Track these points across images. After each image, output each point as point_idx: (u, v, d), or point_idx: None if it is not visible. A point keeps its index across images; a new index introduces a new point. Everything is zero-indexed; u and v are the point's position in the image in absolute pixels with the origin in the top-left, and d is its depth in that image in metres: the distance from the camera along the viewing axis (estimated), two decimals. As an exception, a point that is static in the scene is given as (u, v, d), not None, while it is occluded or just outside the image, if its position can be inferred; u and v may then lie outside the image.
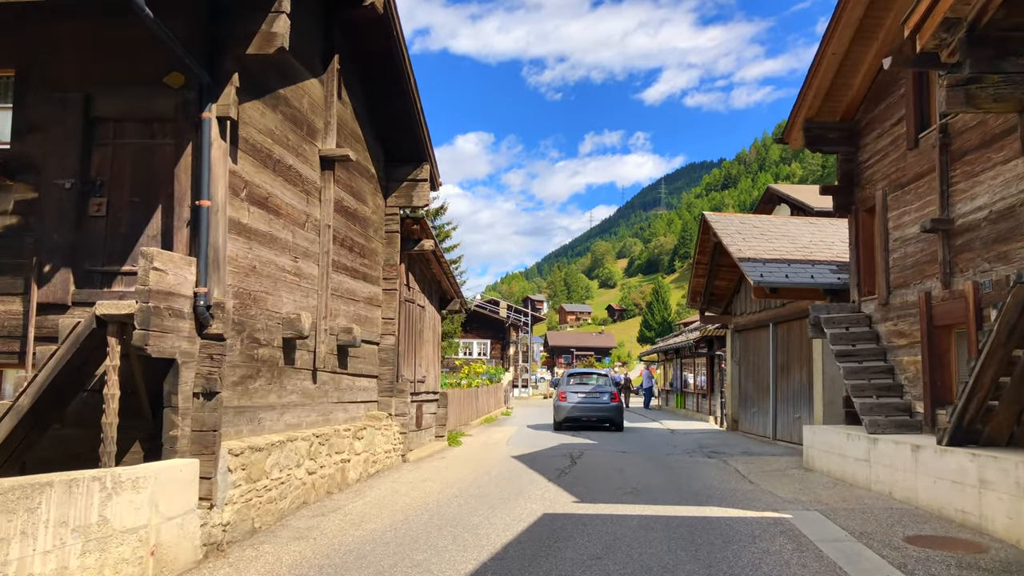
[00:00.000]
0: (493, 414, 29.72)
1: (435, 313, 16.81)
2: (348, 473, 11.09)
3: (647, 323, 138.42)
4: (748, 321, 20.89)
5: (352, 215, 11.92)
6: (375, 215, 13.02)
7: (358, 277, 12.17)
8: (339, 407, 11.40)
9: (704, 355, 28.64)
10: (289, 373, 9.60)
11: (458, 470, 13.13)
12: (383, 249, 13.40)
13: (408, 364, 14.73)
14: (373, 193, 12.93)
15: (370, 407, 12.85)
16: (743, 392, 21.88)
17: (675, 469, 13.69)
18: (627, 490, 11.23)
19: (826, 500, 10.37)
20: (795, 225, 18.83)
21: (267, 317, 8.92)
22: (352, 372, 11.95)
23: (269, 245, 8.98)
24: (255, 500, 8.14)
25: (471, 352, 60.58)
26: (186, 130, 7.55)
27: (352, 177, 11.91)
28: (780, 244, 17.19)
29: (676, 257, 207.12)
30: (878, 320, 12.96)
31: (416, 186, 13.51)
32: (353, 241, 11.95)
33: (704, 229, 19.75)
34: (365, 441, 11.83)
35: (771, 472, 13.25)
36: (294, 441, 9.22)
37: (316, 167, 10.44)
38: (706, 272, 21.50)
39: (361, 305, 12.33)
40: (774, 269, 15.69)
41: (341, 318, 11.41)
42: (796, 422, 17.51)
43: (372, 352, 12.91)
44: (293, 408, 9.73)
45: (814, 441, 13.32)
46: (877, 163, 13.09)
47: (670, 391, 37.21)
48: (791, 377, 17.98)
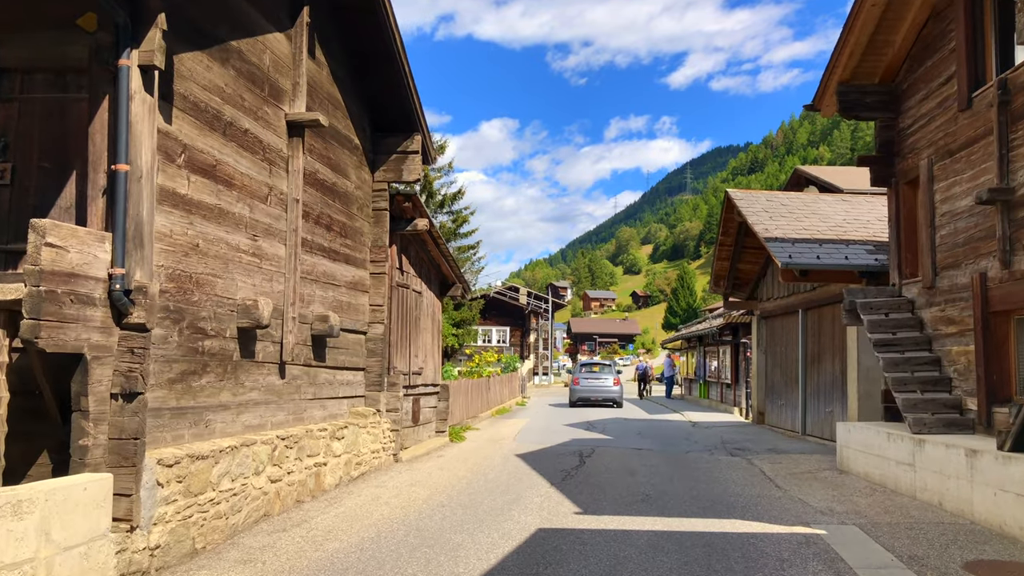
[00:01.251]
0: (507, 405, 28.53)
1: (434, 299, 15.59)
2: (324, 478, 9.91)
3: (672, 310, 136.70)
4: (775, 307, 19.47)
5: (330, 190, 10.70)
6: (360, 191, 11.79)
7: (338, 259, 10.96)
8: (315, 404, 10.23)
9: (728, 343, 27.23)
10: (248, 368, 8.42)
11: (453, 471, 11.93)
12: (370, 229, 12.17)
13: (401, 355, 13.54)
14: (357, 166, 11.69)
15: (355, 403, 11.67)
16: (770, 383, 20.48)
17: (694, 470, 12.40)
18: (638, 497, 9.96)
19: (865, 511, 9.05)
20: (826, 203, 17.36)
21: (216, 304, 7.73)
22: (332, 365, 10.76)
23: (218, 220, 7.77)
24: (196, 517, 6.97)
25: (490, 340, 59.47)
26: (102, 81, 6.34)
27: (330, 147, 10.69)
28: (810, 223, 15.76)
29: (702, 242, 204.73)
30: (922, 305, 11.55)
31: (407, 159, 12.26)
32: (332, 219, 10.74)
33: (728, 208, 18.32)
34: (346, 441, 10.65)
35: (801, 475, 11.92)
36: (251, 445, 8.04)
37: (282, 133, 9.23)
38: (730, 254, 20.07)
39: (343, 290, 11.13)
40: (804, 249, 14.28)
41: (316, 305, 10.21)
42: (828, 417, 16.12)
43: (357, 342, 11.71)
44: (254, 407, 8.56)
45: (849, 440, 11.96)
46: (922, 129, 11.64)
47: (693, 380, 35.82)
48: (822, 368, 16.58)
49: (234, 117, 8.08)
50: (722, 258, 20.38)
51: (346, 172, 11.26)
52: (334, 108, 10.83)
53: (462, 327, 47.48)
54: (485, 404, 23.71)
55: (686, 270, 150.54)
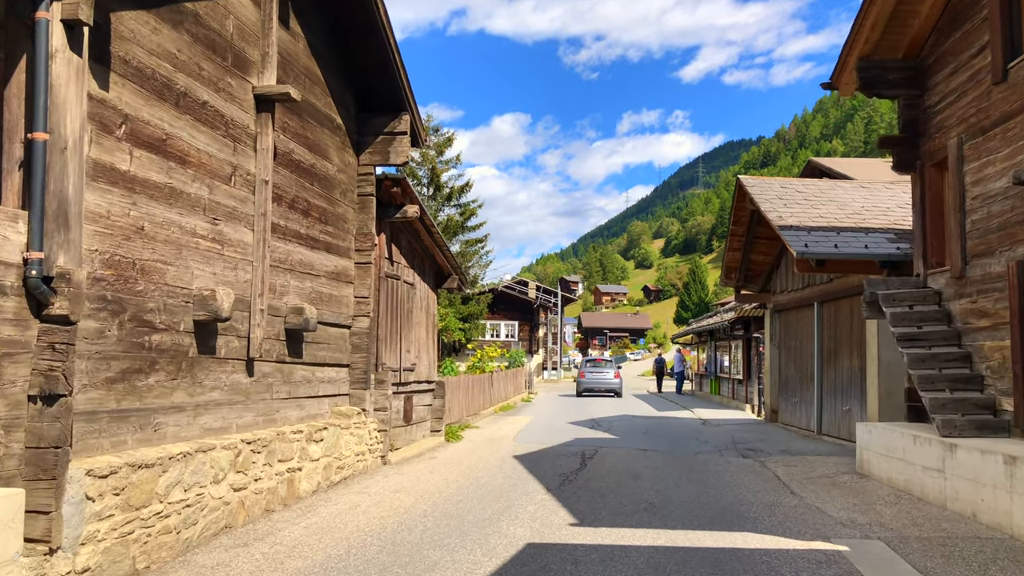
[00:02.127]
0: (511, 401, 27.71)
1: (429, 292, 14.79)
2: (299, 485, 9.12)
3: (683, 304, 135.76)
4: (789, 299, 18.57)
5: (308, 172, 9.90)
6: (343, 174, 10.99)
7: (317, 247, 10.17)
8: (290, 404, 9.44)
9: (740, 337, 26.31)
10: (208, 365, 7.63)
11: (443, 475, 11.12)
12: (354, 215, 11.37)
13: (391, 350, 12.74)
14: (339, 148, 10.89)
15: (339, 402, 10.88)
16: (783, 379, 19.58)
17: (702, 474, 11.55)
18: (641, 505, 9.13)
19: (890, 523, 8.19)
20: (844, 190, 16.44)
21: (166, 294, 6.94)
22: (310, 361, 9.97)
23: (169, 201, 6.98)
24: (139, 533, 6.19)
25: (498, 334, 58.65)
26: (20, 38, 5.53)
27: (307, 126, 9.88)
28: (827, 210, 14.85)
29: (714, 236, 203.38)
30: (950, 297, 10.66)
31: (394, 140, 11.44)
32: (309, 203, 9.94)
33: (740, 196, 17.43)
34: (326, 444, 9.86)
35: (818, 479, 11.06)
36: (209, 451, 7.26)
37: (249, 108, 8.42)
38: (742, 245, 19.17)
39: (323, 281, 10.33)
40: (821, 238, 13.38)
41: (291, 296, 9.42)
42: (845, 416, 15.24)
43: (341, 337, 10.92)
44: (215, 408, 7.77)
45: (870, 442, 11.08)
46: (950, 106, 10.73)
47: (704, 375, 34.91)
48: (839, 364, 15.68)
49: (189, 87, 7.28)
50: (734, 249, 19.49)
51: (326, 153, 10.45)
52: (312, 84, 10.02)
53: (470, 321, 46.69)
54: (487, 401, 22.91)
55: (698, 264, 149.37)
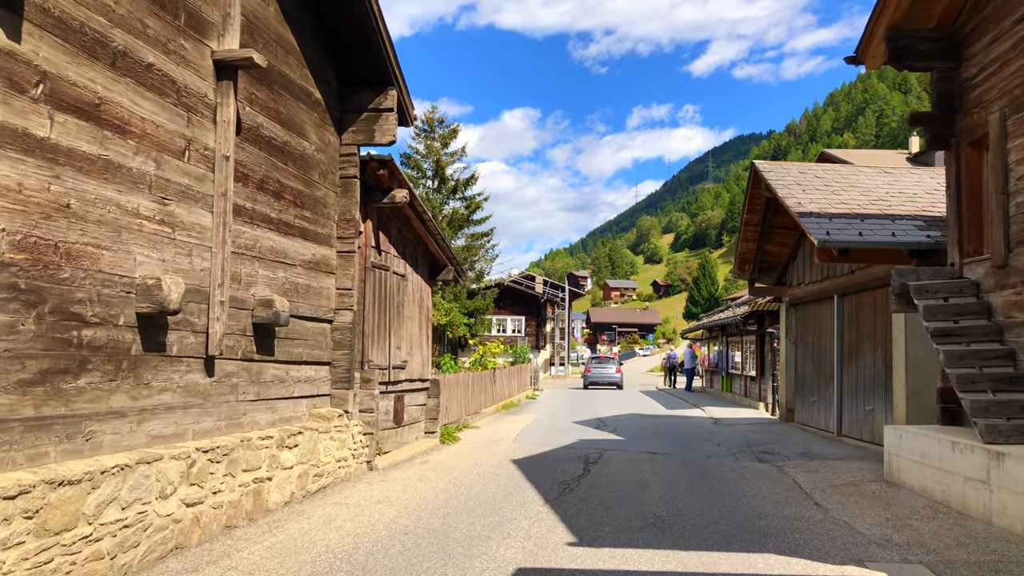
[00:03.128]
0: (515, 398, 26.77)
1: (422, 284, 13.85)
2: (268, 496, 8.21)
3: (693, 299, 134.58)
4: (807, 292, 17.56)
5: (280, 150, 8.97)
6: (322, 154, 10.06)
7: (291, 233, 9.24)
8: (260, 407, 8.53)
9: (753, 332, 25.29)
10: (156, 364, 6.72)
11: (433, 483, 10.20)
12: (336, 200, 10.44)
13: (379, 346, 11.81)
14: (318, 125, 9.96)
15: (317, 403, 9.96)
16: (800, 377, 18.58)
17: (716, 481, 10.59)
18: (648, 520, 8.19)
19: (931, 542, 7.23)
20: (866, 175, 15.43)
21: (100, 283, 6.02)
22: (284, 359, 9.06)
23: (104, 176, 6.06)
24: (59, 562, 5.28)
25: (504, 329, 57.81)
26: (-99, -26, 4.63)
27: (280, 99, 8.95)
28: (849, 196, 13.86)
29: (724, 231, 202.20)
30: (990, 288, 9.67)
31: (379, 118, 10.50)
32: (282, 185, 9.01)
33: (754, 182, 16.42)
34: (301, 450, 8.95)
35: (842, 487, 10.09)
36: (155, 462, 6.35)
37: (207, 75, 7.49)
38: (756, 235, 18.16)
39: (298, 271, 9.41)
40: (843, 226, 12.39)
41: (261, 287, 8.50)
42: (868, 416, 14.24)
43: (320, 332, 10.01)
44: (165, 413, 6.86)
45: (901, 447, 10.10)
46: (991, 77, 9.73)
47: (715, 372, 33.89)
48: (862, 360, 14.68)
49: (130, 47, 6.35)
50: (747, 239, 18.48)
51: (303, 131, 9.52)
52: (285, 53, 9.08)
53: (475, 316, 45.76)
54: (489, 398, 21.98)
55: (708, 259, 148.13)
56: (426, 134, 46.06)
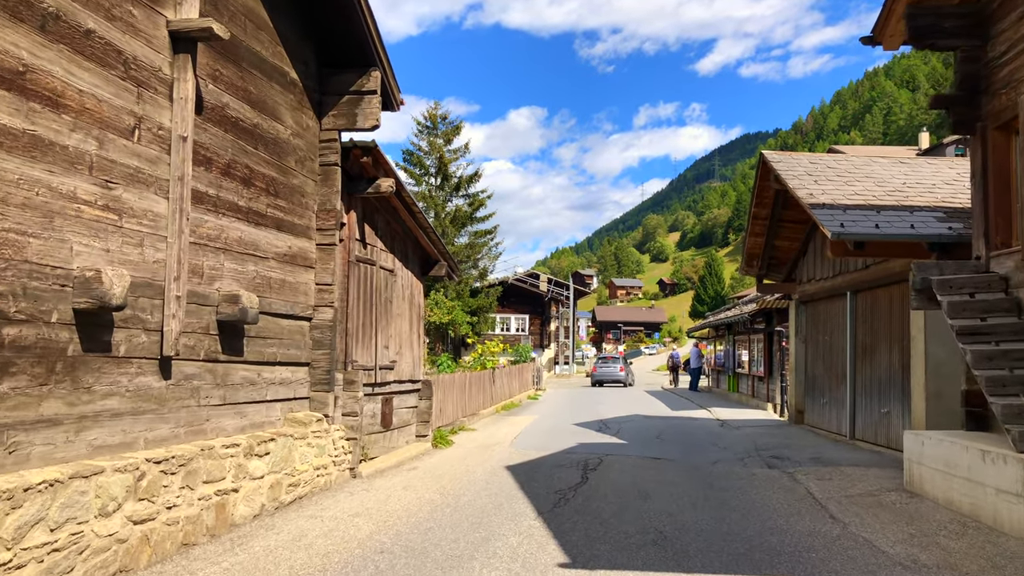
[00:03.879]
0: (516, 399, 26.05)
1: (413, 280, 13.15)
2: (233, 509, 7.52)
3: (699, 297, 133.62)
4: (818, 289, 16.81)
5: (250, 133, 8.28)
6: (299, 140, 9.36)
7: (264, 224, 8.55)
8: (226, 411, 7.84)
9: (761, 331, 24.54)
10: (98, 366, 6.03)
11: (419, 492, 9.50)
12: (315, 188, 9.74)
13: (364, 345, 11.11)
14: (294, 108, 9.26)
15: (294, 407, 9.27)
16: (810, 377, 17.83)
17: (723, 491, 9.87)
18: (649, 535, 7.48)
19: (963, 563, 6.51)
20: (881, 165, 14.68)
21: (25, 274, 5.33)
22: (255, 360, 8.37)
23: (32, 154, 5.37)
24: (-30, 593, 4.61)
25: (508, 328, 57.10)
26: None
27: (249, 78, 8.25)
28: (864, 187, 13.11)
29: (730, 229, 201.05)
30: (1021, 283, 8.94)
31: (362, 101, 9.80)
32: (252, 171, 8.31)
33: (763, 174, 15.68)
34: (273, 458, 8.25)
35: (860, 498, 9.36)
36: (94, 476, 5.67)
37: (162, 47, 6.80)
38: (764, 230, 17.42)
39: (272, 264, 8.71)
40: (858, 218, 11.65)
41: (227, 281, 7.81)
42: (884, 419, 13.50)
43: (298, 331, 9.32)
44: (111, 420, 6.17)
45: (923, 455, 9.37)
46: (1020, 55, 8.98)
47: (721, 372, 33.13)
48: (876, 360, 13.93)
49: (63, 9, 5.66)
50: (755, 234, 17.74)
51: (277, 113, 8.83)
52: (256, 28, 8.39)
53: (478, 315, 45.06)
54: (488, 399, 21.27)
55: (714, 257, 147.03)
56: (429, 131, 45.41)
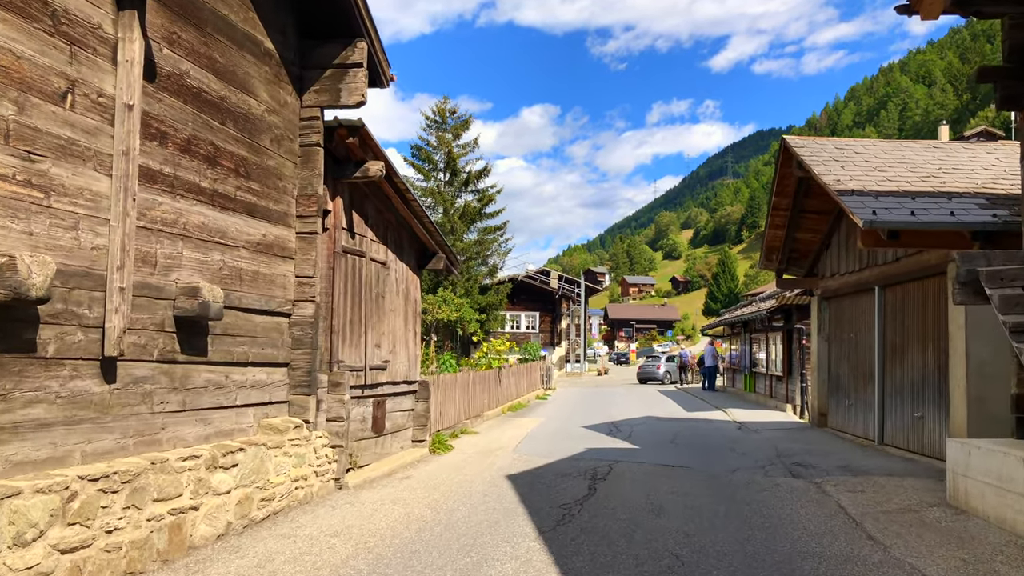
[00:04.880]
0: (524, 399, 25.13)
1: (408, 273, 12.24)
2: (192, 530, 6.64)
3: (712, 295, 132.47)
4: (842, 284, 15.82)
5: (215, 107, 7.39)
6: (276, 116, 8.47)
7: (233, 209, 7.67)
8: (186, 419, 6.96)
9: (780, 328, 23.51)
10: (20, 368, 5.16)
11: (409, 507, 8.60)
12: (295, 171, 8.86)
13: (352, 344, 10.22)
14: (270, 81, 8.37)
15: (270, 412, 8.39)
16: (834, 377, 16.84)
17: (745, 505, 8.92)
18: (663, 560, 6.56)
19: (1032, 600, 5.55)
20: (913, 150, 13.69)
21: (-83, 259, 4.47)
22: (222, 360, 7.49)
23: (-75, 116, 4.50)
24: None
25: (518, 326, 56.19)
26: None
27: (214, 45, 7.37)
28: (895, 173, 12.13)
29: (743, 227, 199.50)
30: (1082, 274, 7.95)
31: (346, 75, 8.90)
32: (219, 150, 7.43)
33: (784, 160, 14.70)
34: (243, 470, 7.37)
35: (898, 514, 8.40)
36: (8, 499, 4.79)
37: (102, 1, 5.92)
38: (785, 221, 16.43)
39: (242, 254, 7.83)
40: (892, 204, 10.69)
41: (186, 272, 6.93)
42: (917, 424, 12.51)
43: (274, 328, 8.43)
44: (36, 432, 5.30)
45: (970, 467, 8.40)
46: (1081, 18, 8.00)
47: (737, 371, 32.10)
48: (908, 360, 12.94)
49: (-29, -53, 4.79)
50: (775, 226, 16.75)
51: (248, 86, 7.94)
52: (222, -11, 7.51)
53: (488, 312, 44.19)
54: (494, 400, 20.36)
55: (727, 254, 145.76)
56: (437, 125, 44.61)
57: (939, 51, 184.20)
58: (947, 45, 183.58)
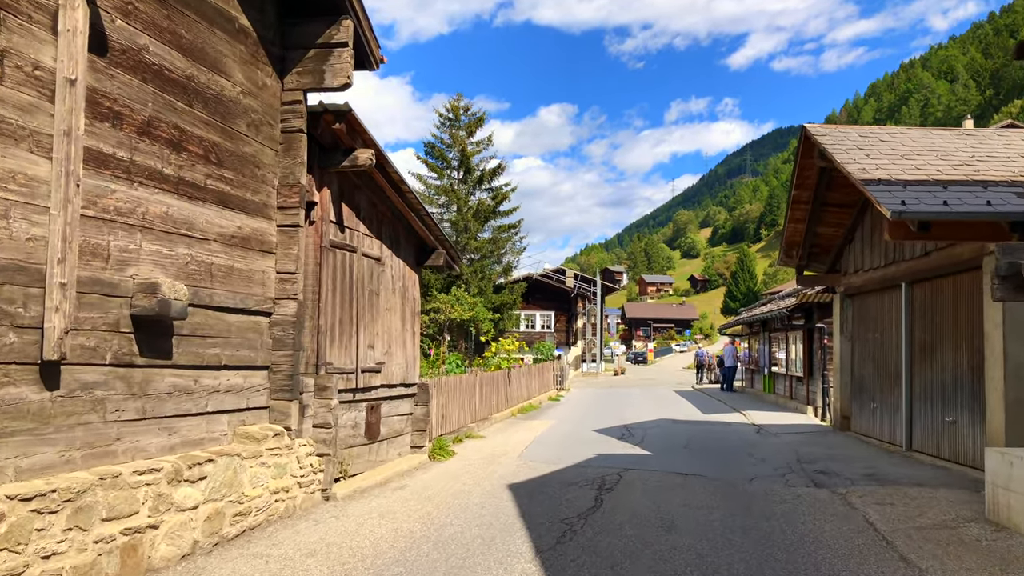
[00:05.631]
0: (535, 400, 24.42)
1: (406, 270, 11.58)
2: (151, 551, 6.01)
3: (731, 294, 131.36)
4: (867, 280, 15.02)
5: (181, 87, 6.77)
6: (253, 100, 7.84)
7: (202, 199, 7.04)
8: (147, 428, 6.35)
9: (800, 327, 22.69)
10: (-65, 374, 4.55)
11: (398, 521, 7.95)
12: (275, 159, 8.22)
13: (342, 345, 9.58)
14: (246, 61, 7.75)
15: (247, 419, 7.77)
16: (857, 379, 16.04)
17: (764, 519, 8.20)
18: (673, 587, 5.87)
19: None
20: (943, 138, 12.89)
21: None
22: (190, 363, 6.87)
23: None
24: None
25: (533, 325, 55.44)
26: None
27: (179, 19, 6.75)
28: (925, 161, 11.35)
29: (762, 225, 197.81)
30: None
31: (331, 55, 8.26)
32: (184, 133, 6.81)
33: (805, 151, 13.92)
34: (211, 483, 6.75)
35: (933, 531, 7.66)
36: (-85, 524, 4.19)
37: (39, -36, 5.31)
38: (806, 215, 15.63)
39: (213, 248, 7.21)
40: (922, 193, 9.91)
41: (146, 266, 6.32)
42: (949, 429, 11.72)
43: (251, 328, 7.81)
44: (-44, 445, 4.69)
45: (1012, 478, 7.64)
46: None
47: (755, 371, 31.25)
48: (939, 361, 12.15)
49: None
50: (796, 220, 15.96)
51: (220, 65, 7.32)
52: (189, -42, 6.88)
53: (502, 312, 43.55)
54: (503, 402, 19.68)
55: (746, 253, 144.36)
56: (451, 123, 44.07)
57: (961, 46, 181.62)
58: (969, 40, 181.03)
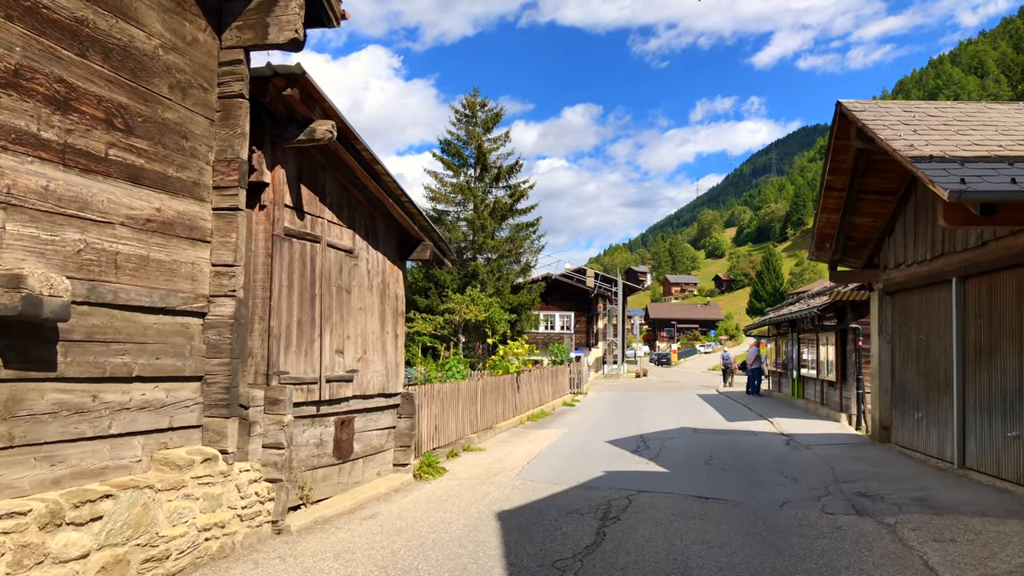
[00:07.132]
0: (548, 406, 22.96)
1: (386, 264, 10.21)
2: (10, 617, 4.70)
3: (757, 294, 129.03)
4: (910, 276, 13.46)
5: (72, 33, 5.46)
6: (178, 56, 6.52)
7: (103, 173, 5.72)
8: (18, 458, 5.04)
9: (832, 328, 21.05)
10: None
11: (353, 565, 6.57)
12: (209, 129, 6.89)
13: (301, 351, 8.22)
14: (167, 9, 6.42)
15: (171, 440, 6.44)
16: (899, 385, 14.47)
17: (796, 561, 6.73)
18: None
19: None
20: (1001, 112, 11.34)
21: None
22: (84, 376, 5.54)
23: None
24: None
25: (552, 326, 53.97)
26: None
27: (66, -53, 5.43)
28: (982, 136, 9.85)
29: (788, 224, 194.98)
30: None
31: (275, 6, 6.92)
32: (74, 90, 5.49)
33: (840, 131, 12.39)
34: (110, 524, 5.42)
35: (1011, 580, 6.18)
36: None
37: None
38: (840, 204, 14.10)
39: (121, 233, 5.88)
40: (984, 171, 8.43)
41: (16, 254, 5.00)
42: (1011, 445, 10.17)
43: (177, 331, 6.48)
44: None
45: (1111, 517, 6.14)
46: None
47: (783, 374, 29.59)
48: (998, 367, 10.60)
49: None
50: (828, 209, 14.42)
51: (129, 11, 6.00)
52: None
53: (519, 312, 42.23)
54: (510, 409, 18.26)
55: (772, 252, 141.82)
56: (467, 119, 42.91)
57: (992, 41, 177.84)
58: (1000, 35, 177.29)
